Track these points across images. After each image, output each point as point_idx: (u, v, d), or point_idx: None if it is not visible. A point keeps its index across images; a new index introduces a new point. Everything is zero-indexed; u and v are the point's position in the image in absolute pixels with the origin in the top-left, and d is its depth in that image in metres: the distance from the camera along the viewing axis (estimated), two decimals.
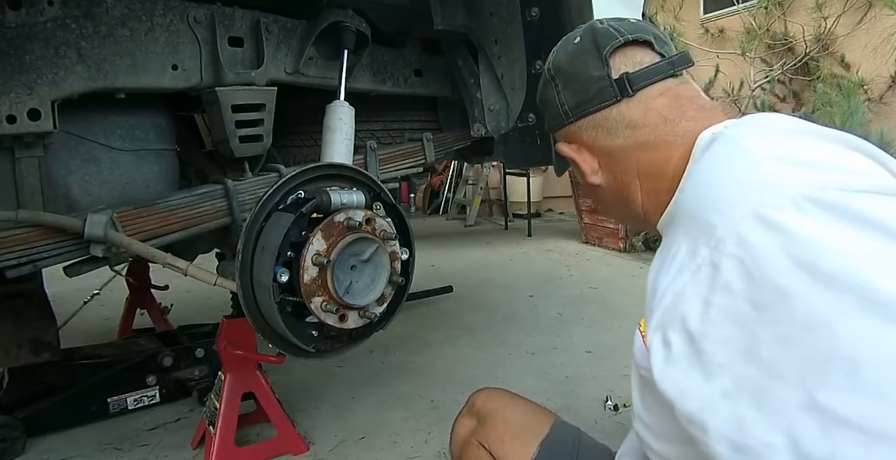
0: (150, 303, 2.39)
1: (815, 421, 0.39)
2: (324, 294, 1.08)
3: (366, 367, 2.17)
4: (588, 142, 0.71)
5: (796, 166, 0.49)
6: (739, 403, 0.43)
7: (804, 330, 0.41)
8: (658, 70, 0.66)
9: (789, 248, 0.43)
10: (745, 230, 0.46)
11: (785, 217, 0.45)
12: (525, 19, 1.53)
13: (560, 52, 0.74)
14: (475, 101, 1.64)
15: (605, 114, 0.68)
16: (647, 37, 0.68)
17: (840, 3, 4.68)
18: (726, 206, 0.49)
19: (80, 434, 1.67)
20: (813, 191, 0.45)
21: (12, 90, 0.99)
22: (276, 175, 1.32)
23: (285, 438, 1.55)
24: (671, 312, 0.49)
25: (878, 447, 0.37)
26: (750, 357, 0.43)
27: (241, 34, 1.26)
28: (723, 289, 0.46)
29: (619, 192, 0.70)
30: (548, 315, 2.81)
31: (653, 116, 0.66)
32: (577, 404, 1.82)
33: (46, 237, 1.05)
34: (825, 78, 4.72)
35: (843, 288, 0.40)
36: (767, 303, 0.43)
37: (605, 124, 0.69)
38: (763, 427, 0.42)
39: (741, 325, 0.44)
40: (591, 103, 0.69)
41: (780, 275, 0.43)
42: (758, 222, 0.46)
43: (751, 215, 0.46)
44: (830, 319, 0.40)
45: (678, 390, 0.47)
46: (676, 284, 0.50)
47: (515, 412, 0.90)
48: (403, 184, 1.78)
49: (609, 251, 4.34)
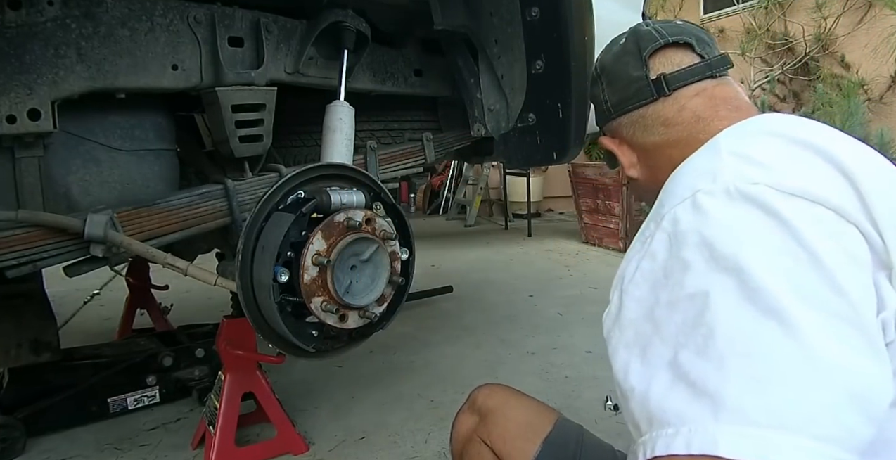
0: (150, 303, 2.39)
1: (669, 375, 0.45)
2: (324, 294, 1.08)
3: (366, 367, 2.17)
4: (627, 138, 0.77)
5: (744, 162, 0.54)
6: (632, 353, 0.50)
7: (688, 298, 0.47)
8: (695, 71, 0.70)
9: (702, 228, 0.49)
10: (679, 210, 0.53)
11: (711, 202, 0.50)
12: (525, 19, 1.53)
13: (606, 52, 0.79)
14: (475, 101, 1.64)
15: (642, 111, 0.73)
16: (688, 39, 0.72)
17: (840, 3, 4.68)
18: (678, 189, 0.56)
19: (80, 434, 1.67)
20: (745, 184, 0.50)
21: (12, 90, 0.99)
22: (276, 175, 1.31)
23: (285, 438, 1.55)
24: (619, 272, 0.58)
25: (699, 404, 0.42)
26: (649, 316, 0.50)
27: (241, 34, 1.25)
28: (650, 256, 0.53)
29: (654, 186, 0.73)
30: (548, 315, 2.81)
31: (686, 115, 0.69)
32: (577, 404, 1.82)
33: (46, 237, 1.05)
34: (825, 78, 4.73)
35: (729, 269, 0.46)
36: (673, 271, 0.50)
37: (642, 121, 0.73)
38: (636, 375, 0.48)
39: (652, 288, 0.51)
40: (630, 101, 0.74)
41: (687, 249, 0.49)
42: (690, 204, 0.52)
43: (689, 198, 0.52)
44: (709, 292, 0.46)
45: (606, 334, 0.56)
46: (629, 252, 0.59)
47: (518, 409, 0.90)
48: (403, 184, 1.78)
49: (609, 251, 4.34)
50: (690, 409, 0.42)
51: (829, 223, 0.48)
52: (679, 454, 0.41)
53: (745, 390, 0.41)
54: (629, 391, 0.48)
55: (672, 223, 0.52)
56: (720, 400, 0.41)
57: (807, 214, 0.48)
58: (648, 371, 0.47)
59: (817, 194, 0.49)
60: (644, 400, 0.46)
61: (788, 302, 0.43)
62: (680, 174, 0.60)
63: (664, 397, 0.44)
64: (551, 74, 1.55)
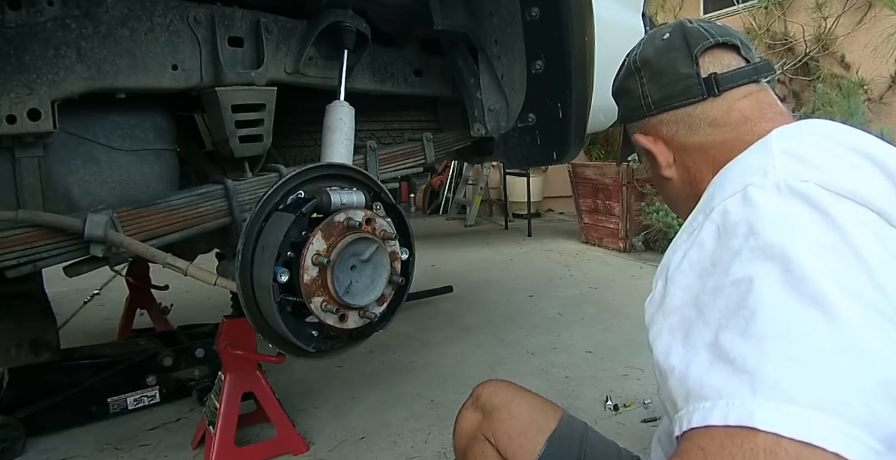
0: (150, 303, 2.39)
1: (709, 354, 0.47)
2: (324, 294, 1.08)
3: (366, 367, 2.17)
4: (667, 137, 0.74)
5: (795, 161, 0.55)
6: (675, 338, 0.52)
7: (733, 284, 0.48)
8: (744, 74, 0.70)
9: (751, 219, 0.51)
10: (729, 202, 0.54)
11: (761, 195, 0.52)
12: (525, 19, 1.52)
13: (647, 45, 0.77)
14: (475, 100, 1.64)
15: (689, 110, 0.72)
16: (735, 41, 0.72)
17: (840, 3, 4.68)
18: (729, 184, 0.57)
19: (80, 434, 1.67)
20: (796, 181, 0.52)
21: (12, 90, 0.99)
22: (276, 175, 1.31)
23: (285, 438, 1.55)
24: (664, 261, 0.60)
25: (737, 379, 0.43)
26: (694, 302, 0.52)
27: (241, 34, 1.25)
28: (697, 245, 0.55)
29: (691, 188, 0.73)
30: (548, 315, 2.81)
31: (735, 116, 0.69)
32: (577, 404, 1.82)
33: (46, 237, 1.05)
34: (825, 78, 4.72)
35: (776, 257, 0.47)
36: (720, 260, 0.51)
37: (688, 120, 0.72)
38: (677, 356, 0.50)
39: (699, 276, 0.53)
40: (677, 99, 0.72)
41: (735, 239, 0.51)
42: (741, 197, 0.53)
43: (740, 192, 0.54)
44: (754, 278, 0.47)
45: (648, 321, 0.58)
46: (676, 242, 0.60)
47: (522, 406, 0.89)
48: (403, 184, 1.78)
49: (609, 251, 4.34)
50: (729, 384, 0.44)
51: (874, 225, 0.50)
52: (716, 424, 0.42)
53: (783, 369, 0.42)
54: (669, 370, 0.50)
55: (721, 214, 0.54)
56: (759, 376, 0.42)
57: (854, 215, 0.49)
58: (689, 351, 0.49)
59: (865, 197, 0.51)
60: (683, 378, 0.48)
61: (831, 292, 0.44)
62: (731, 170, 0.61)
63: (703, 375, 0.46)
64: (551, 74, 1.55)
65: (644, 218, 4.10)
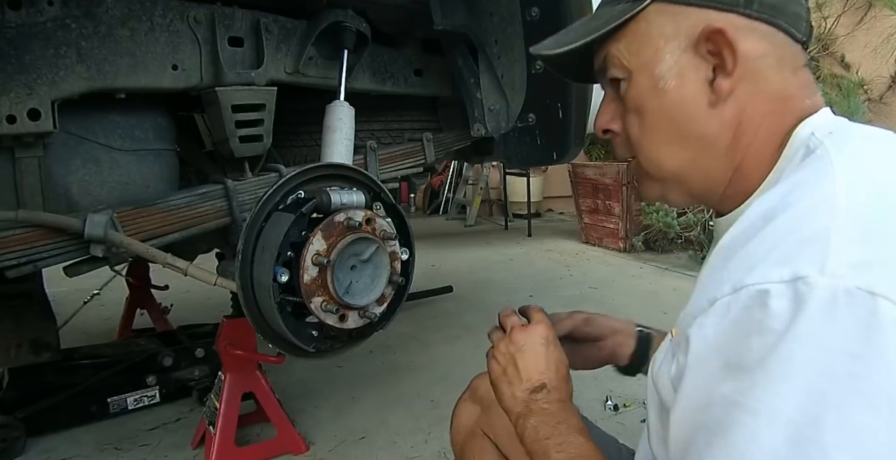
0: (150, 303, 2.39)
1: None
2: (324, 294, 1.08)
3: (366, 367, 2.17)
4: (745, 51, 0.53)
5: (863, 243, 0.41)
6: None
7: (722, 399, 0.43)
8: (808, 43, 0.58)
9: (787, 334, 0.40)
10: (774, 292, 0.41)
11: (810, 303, 0.39)
12: (525, 19, 1.53)
13: None
14: (475, 100, 1.64)
15: (786, 40, 0.55)
16: None
17: (840, 3, 4.68)
18: (775, 251, 0.43)
19: (80, 434, 1.67)
20: (862, 291, 0.38)
21: (12, 90, 0.99)
22: (276, 175, 1.31)
23: (285, 438, 1.55)
24: (685, 311, 0.50)
25: None
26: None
27: (241, 34, 1.25)
28: (714, 322, 0.45)
29: (727, 137, 0.56)
30: None
31: (802, 78, 0.57)
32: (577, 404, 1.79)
33: (46, 237, 1.05)
34: (825, 78, 4.72)
35: (797, 410, 0.39)
36: (730, 360, 0.44)
37: (778, 52, 0.55)
38: None
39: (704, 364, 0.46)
40: (786, 18, 0.55)
41: (758, 345, 0.43)
42: (792, 294, 0.40)
43: (790, 283, 0.40)
44: (759, 412, 0.40)
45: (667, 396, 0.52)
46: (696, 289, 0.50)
47: None
48: (403, 184, 1.78)
49: (609, 251, 4.34)
50: None
51: None
52: None
53: None
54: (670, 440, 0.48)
55: (758, 304, 0.41)
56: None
57: None
58: None
59: None
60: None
61: None
62: (778, 214, 0.45)
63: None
64: (551, 75, 1.54)
65: (644, 218, 4.10)
